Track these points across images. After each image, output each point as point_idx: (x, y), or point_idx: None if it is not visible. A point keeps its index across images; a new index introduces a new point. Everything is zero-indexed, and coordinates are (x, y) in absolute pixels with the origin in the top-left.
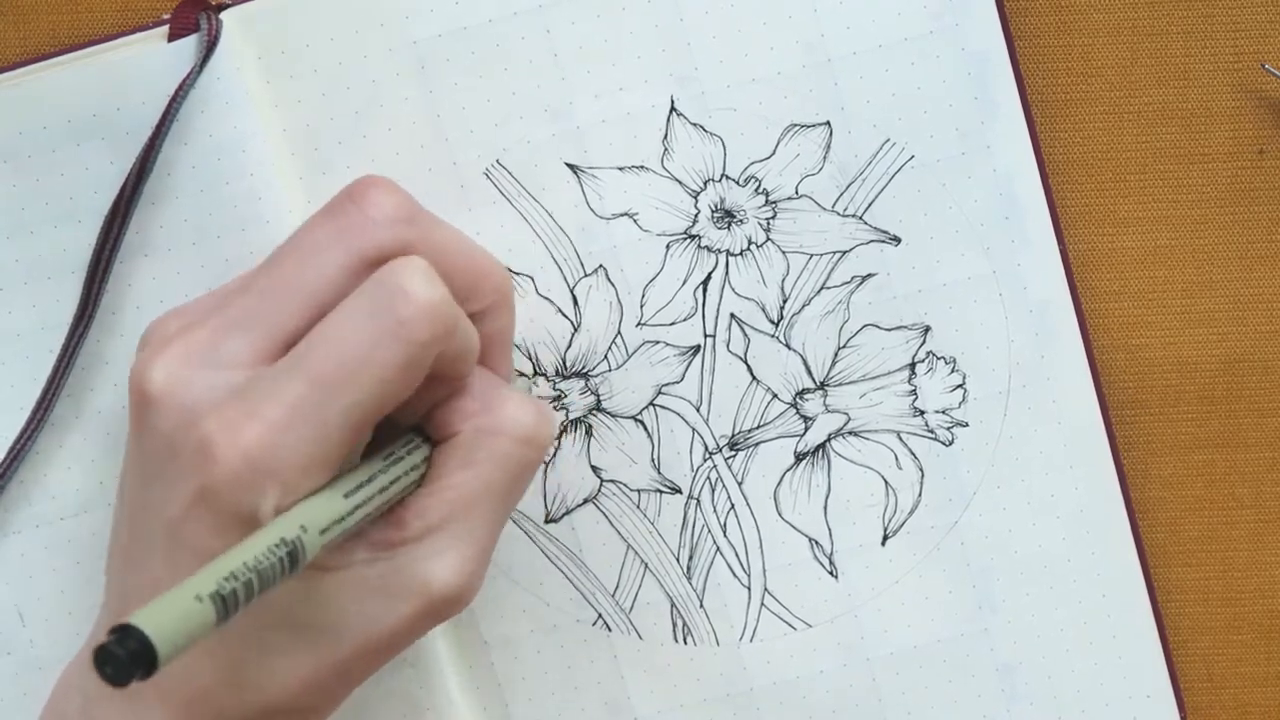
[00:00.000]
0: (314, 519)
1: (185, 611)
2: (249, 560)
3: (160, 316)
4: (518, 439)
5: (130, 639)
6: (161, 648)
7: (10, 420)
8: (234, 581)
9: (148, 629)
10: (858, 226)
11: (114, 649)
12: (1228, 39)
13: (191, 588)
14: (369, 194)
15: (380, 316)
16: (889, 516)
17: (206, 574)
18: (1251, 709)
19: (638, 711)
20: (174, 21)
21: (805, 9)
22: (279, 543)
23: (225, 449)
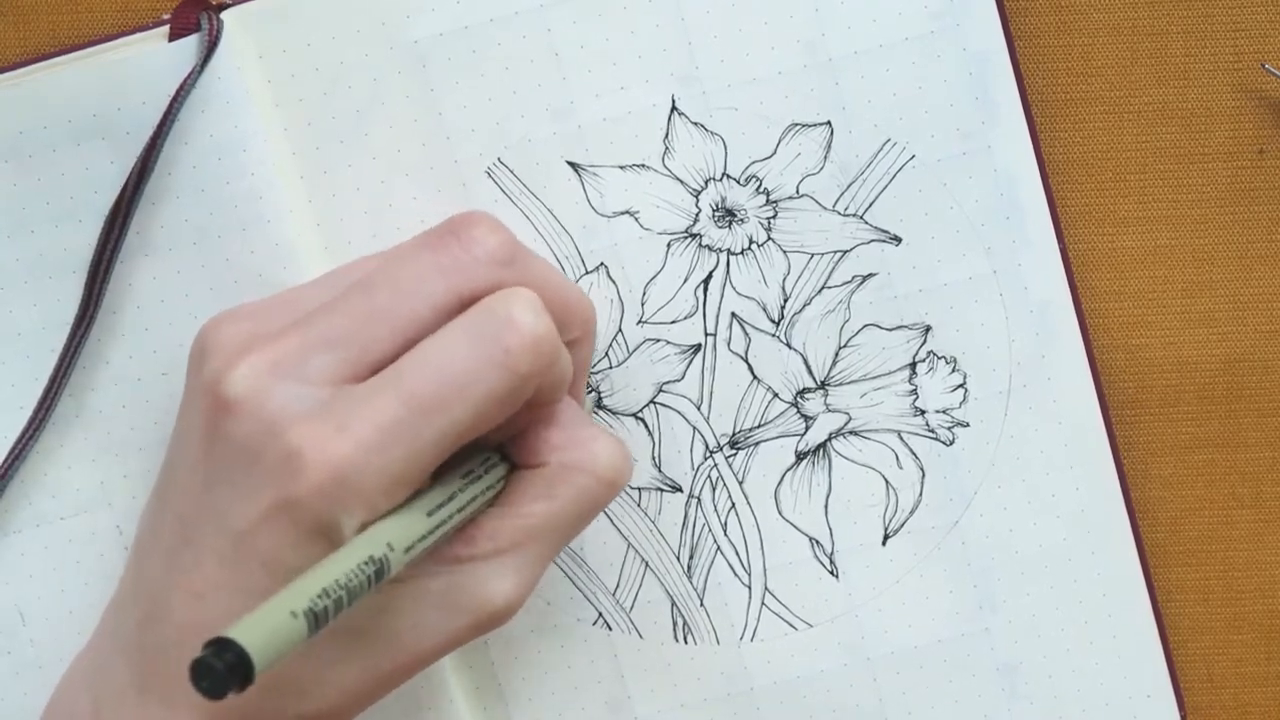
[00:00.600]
0: (399, 537)
1: (280, 626)
2: (340, 578)
3: (219, 320)
4: (601, 479)
5: (228, 652)
6: (259, 661)
7: (11, 419)
8: (326, 599)
9: (245, 643)
10: (859, 226)
11: (212, 662)
12: (1228, 39)
13: (286, 603)
14: (472, 231)
15: (486, 344)
16: (890, 516)
17: (299, 590)
18: (1251, 709)
19: (638, 711)
20: (174, 21)
21: (806, 8)
22: (367, 560)
23: (313, 462)
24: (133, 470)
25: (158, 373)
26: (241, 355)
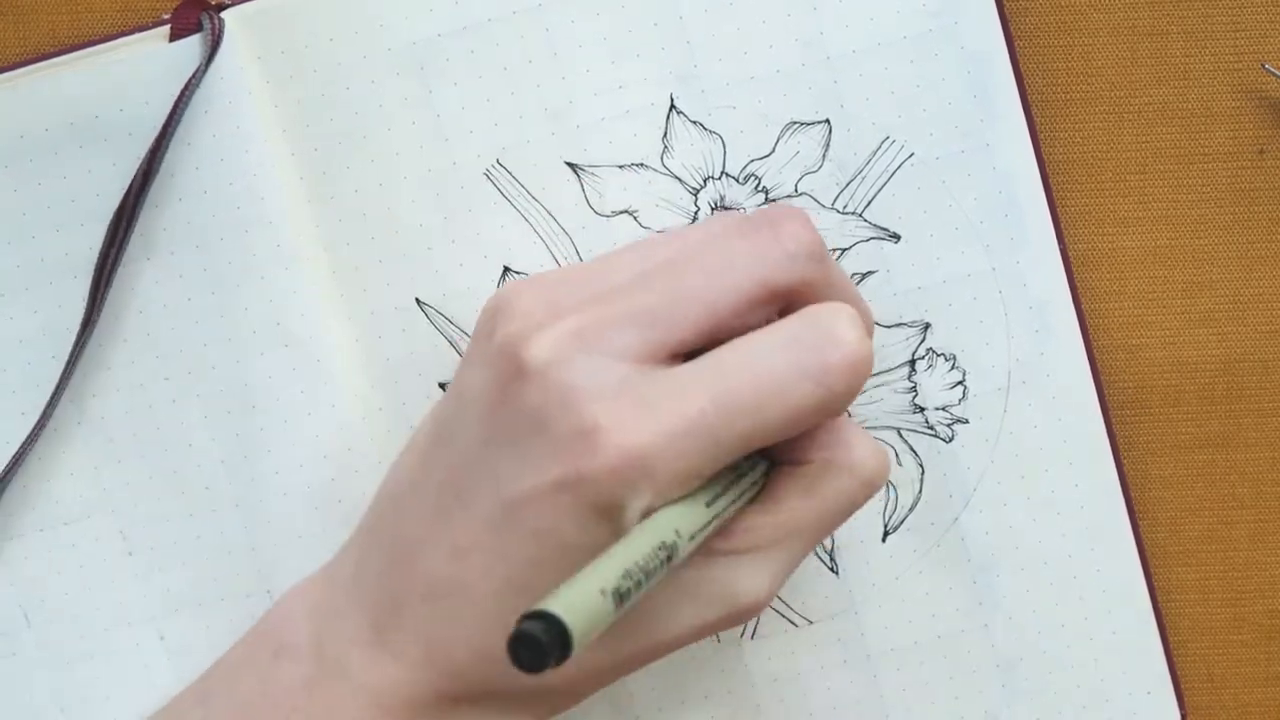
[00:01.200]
0: (685, 526)
1: (593, 604)
2: (640, 560)
3: (520, 284)
4: (862, 480)
5: (552, 626)
6: (578, 636)
7: (12, 425)
8: (629, 580)
9: (566, 618)
10: (857, 224)
11: (536, 634)
12: (1228, 39)
13: (596, 581)
14: (787, 225)
15: (807, 357)
16: (889, 513)
17: (606, 568)
18: (1251, 709)
19: (639, 708)
20: (175, 21)
21: (804, 7)
22: (661, 545)
23: (611, 441)
24: (135, 476)
25: (160, 378)
26: (544, 322)
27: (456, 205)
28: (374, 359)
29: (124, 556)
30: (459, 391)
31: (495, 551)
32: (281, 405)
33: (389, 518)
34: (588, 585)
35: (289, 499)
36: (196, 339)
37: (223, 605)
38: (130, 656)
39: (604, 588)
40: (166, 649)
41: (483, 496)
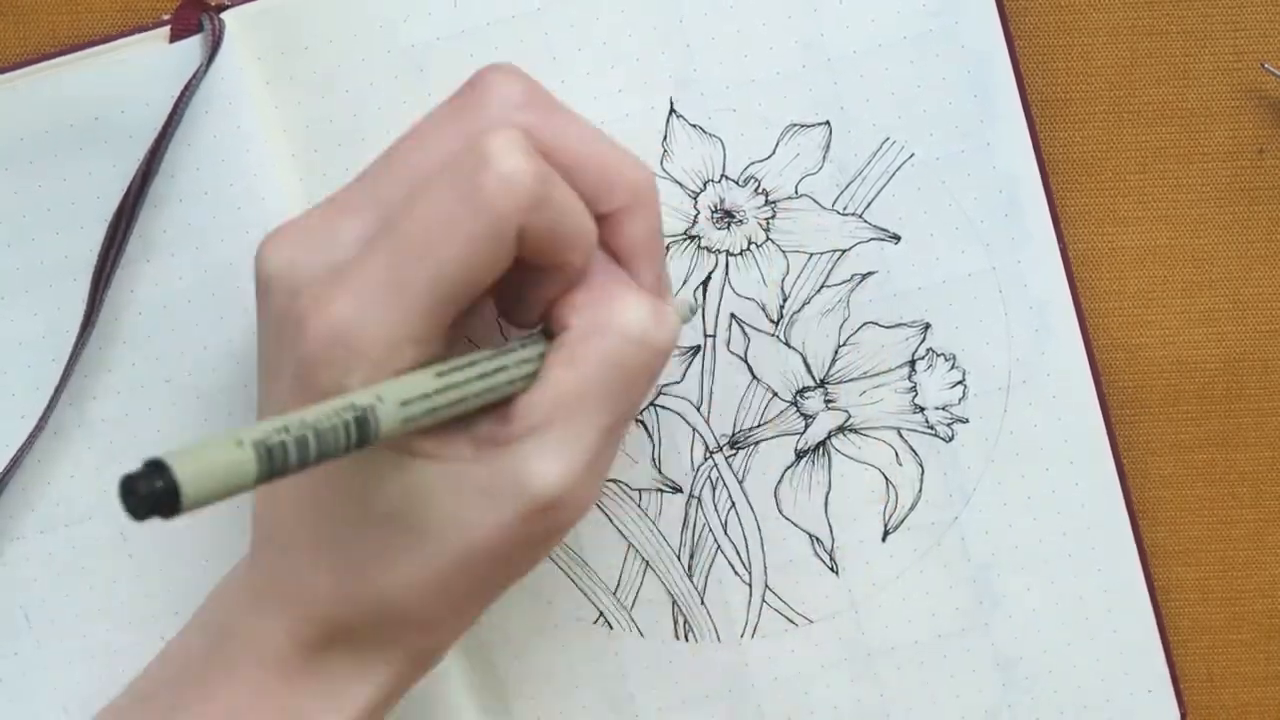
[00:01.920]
0: (394, 392)
1: (224, 457)
2: (308, 417)
3: None
4: (629, 337)
5: (158, 474)
6: (189, 490)
7: (12, 427)
8: (285, 434)
9: (177, 468)
10: (858, 225)
11: (139, 483)
12: (1228, 39)
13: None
14: (489, 78)
15: (461, 183)
16: (889, 513)
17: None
18: (1251, 709)
19: (640, 709)
20: (175, 22)
21: (804, 9)
22: (348, 406)
23: (314, 324)
24: None
25: (160, 379)
26: (277, 234)
27: None
28: None
29: (124, 558)
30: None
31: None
32: None
33: None
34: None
35: None
36: (196, 340)
37: None
38: (131, 657)
39: (243, 439)
40: None
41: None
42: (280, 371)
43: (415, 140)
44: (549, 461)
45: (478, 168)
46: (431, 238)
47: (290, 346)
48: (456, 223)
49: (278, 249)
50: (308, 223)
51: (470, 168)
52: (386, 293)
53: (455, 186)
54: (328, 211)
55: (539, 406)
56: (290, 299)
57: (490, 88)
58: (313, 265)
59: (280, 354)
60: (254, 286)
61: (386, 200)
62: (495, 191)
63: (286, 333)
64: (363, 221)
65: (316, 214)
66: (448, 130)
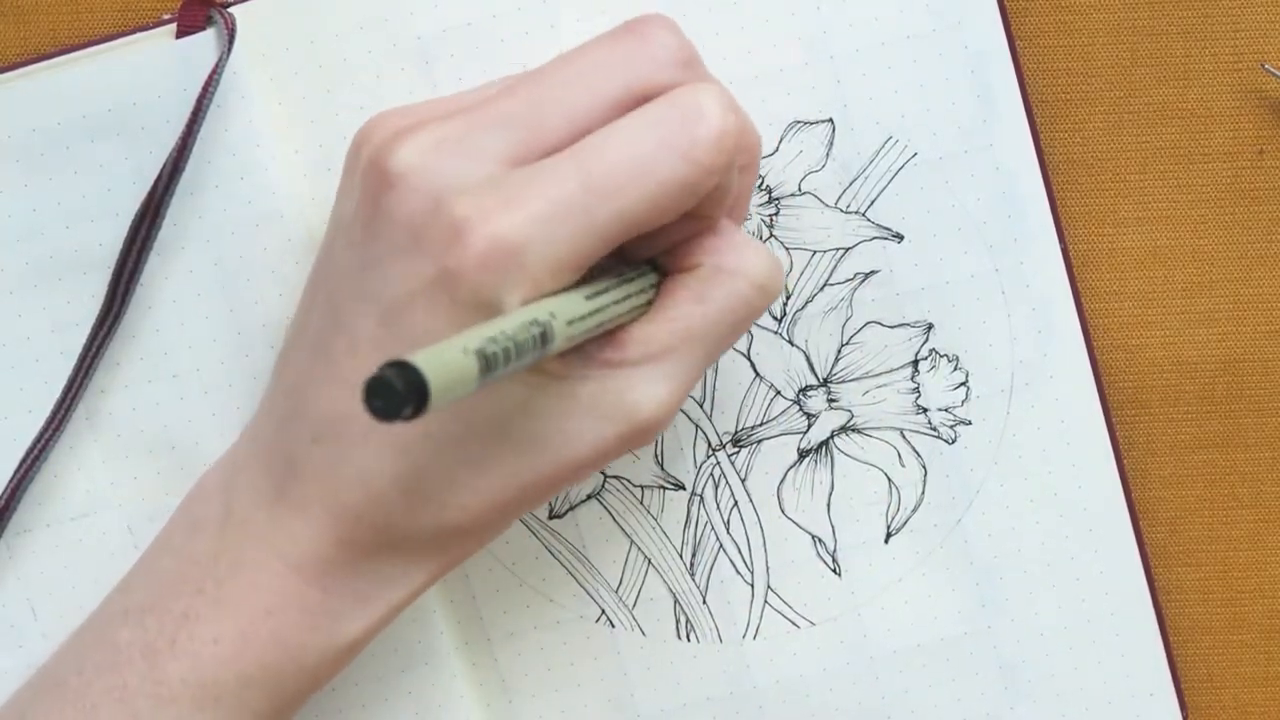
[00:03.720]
0: (561, 310)
1: (455, 361)
2: (508, 329)
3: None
4: (754, 283)
5: (409, 373)
6: (435, 390)
7: (20, 423)
8: (495, 345)
9: (425, 369)
10: (861, 223)
11: (392, 379)
12: (1228, 39)
13: (460, 341)
14: (653, 30)
15: (672, 132)
16: (892, 514)
17: (472, 333)
18: (1251, 709)
19: (641, 708)
20: (180, 19)
21: (808, 6)
22: (534, 321)
23: (479, 233)
24: (142, 472)
25: (169, 375)
26: (407, 132)
27: None
28: None
29: (131, 551)
30: (334, 222)
31: None
32: None
33: (281, 367)
34: (451, 344)
35: None
36: (205, 334)
37: None
38: None
39: (467, 346)
40: None
41: (365, 317)
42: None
43: (571, 73)
44: (659, 387)
45: (692, 119)
46: (628, 176)
47: (436, 250)
48: (659, 169)
49: (410, 148)
50: (444, 127)
51: (683, 117)
52: (566, 219)
53: (663, 133)
54: (463, 120)
55: (658, 337)
56: (436, 203)
57: (654, 36)
58: (458, 173)
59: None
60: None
61: (539, 123)
62: (709, 145)
63: (428, 236)
64: (508, 141)
65: (449, 119)
66: (609, 72)
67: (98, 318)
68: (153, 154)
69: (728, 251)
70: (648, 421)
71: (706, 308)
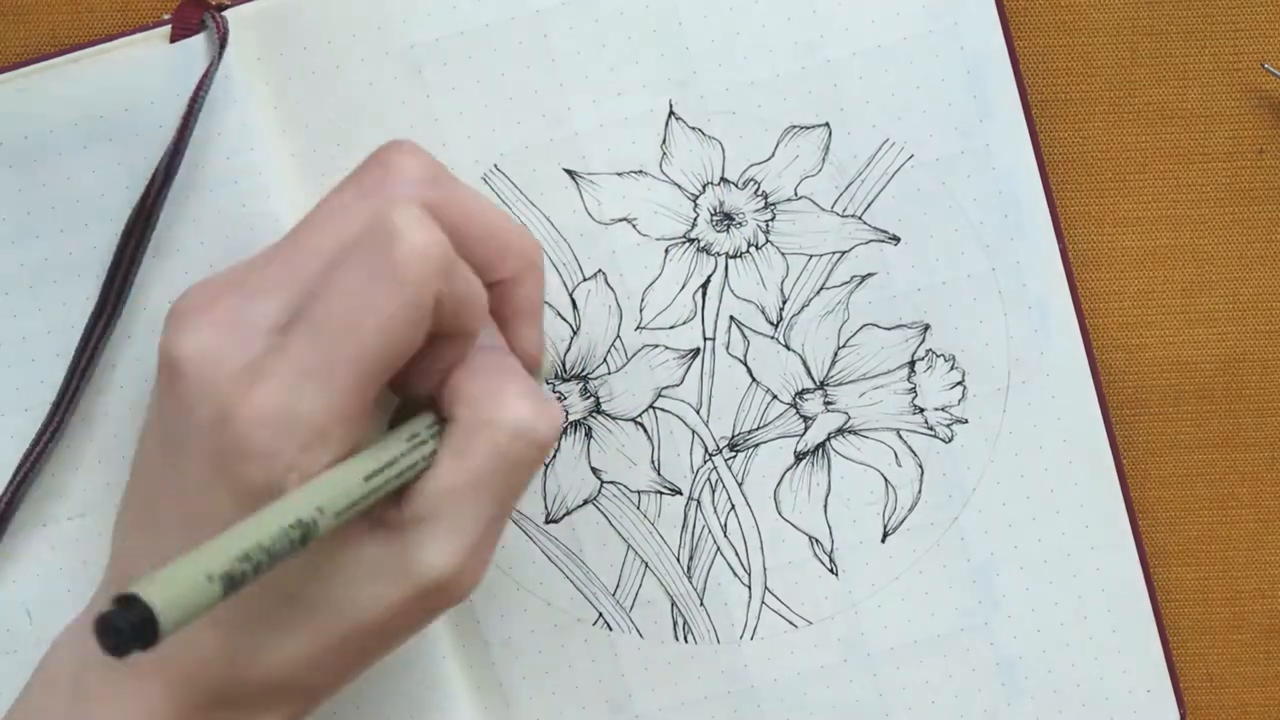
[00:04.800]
0: (331, 500)
1: (192, 586)
2: (264, 540)
3: (187, 290)
4: (513, 433)
5: (134, 609)
6: (165, 621)
7: (16, 422)
8: (246, 563)
9: (152, 600)
10: (857, 226)
11: (117, 619)
12: (1228, 39)
13: (202, 564)
14: (392, 156)
15: (376, 261)
16: (889, 514)
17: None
18: (1251, 709)
19: (639, 710)
20: (175, 21)
21: (804, 11)
22: (295, 523)
23: (241, 414)
24: None
25: None
26: (188, 318)
27: None
28: None
29: None
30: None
31: None
32: None
33: (117, 535)
34: (191, 568)
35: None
36: None
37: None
38: None
39: (211, 572)
40: None
41: (164, 504)
42: (188, 456)
43: (322, 219)
44: (437, 549)
45: (388, 243)
46: (352, 316)
47: (210, 436)
48: (375, 299)
49: (189, 334)
50: (219, 307)
51: (381, 243)
52: (314, 377)
53: (369, 263)
54: (238, 294)
55: (430, 496)
56: (208, 386)
57: (391, 165)
58: (230, 352)
59: (191, 440)
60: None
61: (299, 280)
62: (408, 263)
63: (203, 420)
64: (276, 304)
65: (225, 296)
66: (353, 208)
67: (90, 319)
68: (147, 157)
69: (483, 399)
70: (438, 582)
71: (468, 462)
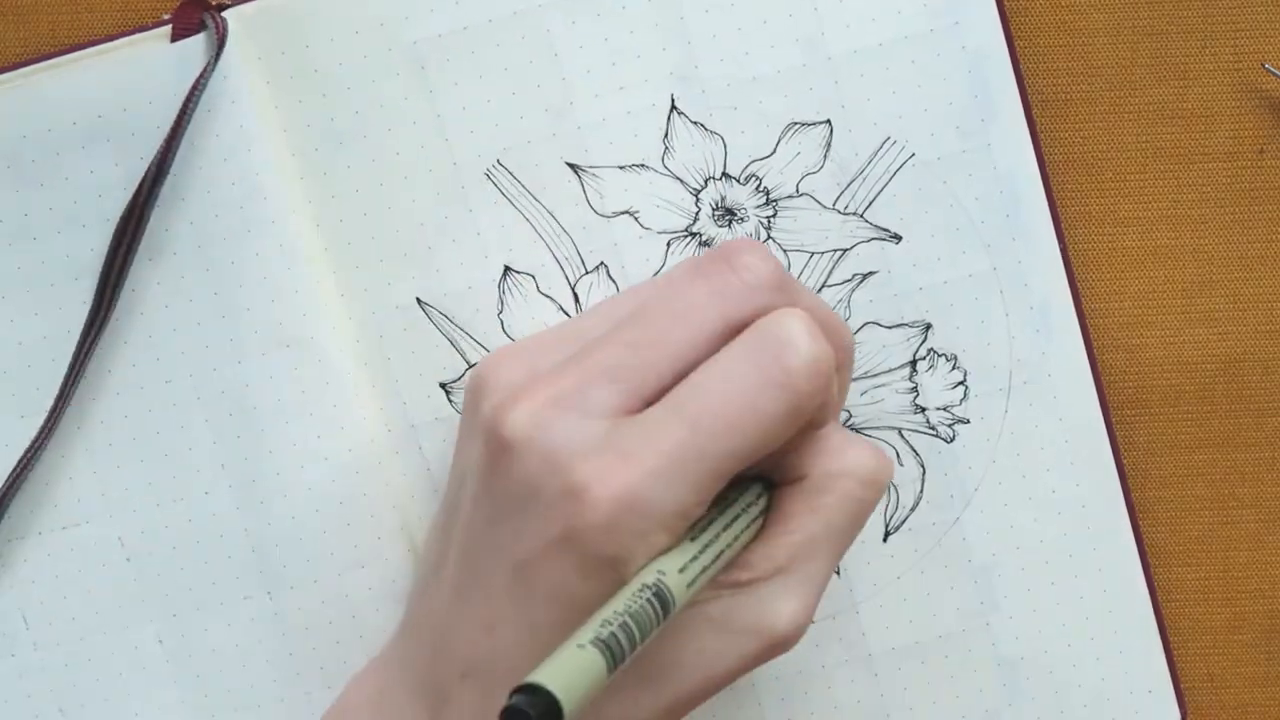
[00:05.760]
0: (668, 564)
1: (579, 663)
2: (620, 606)
3: (497, 356)
4: (862, 481)
5: (539, 697)
6: (567, 704)
7: (10, 427)
8: (609, 627)
9: (552, 686)
10: (859, 224)
11: (524, 709)
12: (1228, 39)
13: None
14: (744, 257)
15: (766, 366)
16: (890, 513)
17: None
18: (1251, 709)
19: None
20: (176, 21)
21: (806, 7)
22: (642, 587)
23: (599, 494)
24: (134, 481)
25: (161, 381)
26: (520, 393)
27: (457, 205)
28: (375, 359)
29: (122, 560)
30: (458, 471)
31: (519, 621)
32: (283, 406)
33: (422, 601)
34: (569, 645)
35: (289, 500)
36: (198, 340)
37: (222, 609)
38: (128, 660)
39: (582, 641)
40: (165, 652)
41: (495, 570)
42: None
43: (670, 313)
44: (791, 600)
45: (783, 350)
46: (731, 417)
47: (558, 511)
48: (760, 402)
49: (523, 411)
50: (554, 386)
51: (773, 350)
52: (679, 468)
53: (759, 368)
54: (573, 377)
55: (781, 551)
56: (553, 465)
57: (741, 266)
58: (571, 433)
59: (529, 513)
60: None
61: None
62: (802, 375)
63: (548, 497)
64: (618, 393)
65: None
66: (707, 308)
67: (85, 323)
68: (143, 159)
69: (831, 455)
70: (785, 635)
71: (823, 515)
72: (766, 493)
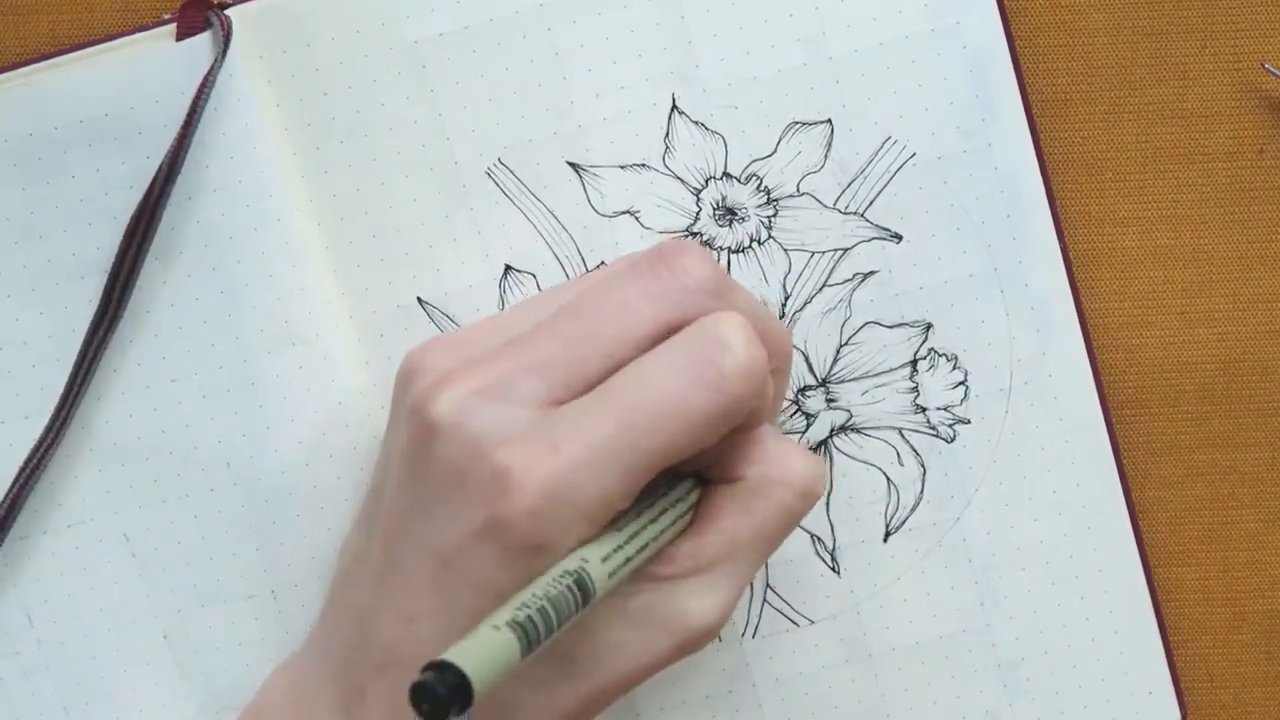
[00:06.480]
0: (593, 552)
1: (492, 644)
2: (538, 590)
3: (427, 345)
4: (798, 491)
5: (449, 676)
6: (478, 683)
7: (16, 426)
8: (528, 609)
9: (464, 665)
10: (859, 224)
11: (434, 685)
12: (1228, 39)
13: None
14: (682, 259)
15: (700, 366)
16: (891, 513)
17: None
18: (1251, 709)
19: (640, 707)
20: (180, 20)
21: (806, 7)
22: (564, 573)
23: (523, 481)
24: (138, 478)
25: (166, 379)
26: (448, 379)
27: (458, 204)
28: (376, 357)
29: (127, 558)
30: (384, 457)
31: (439, 611)
32: (287, 403)
33: (343, 590)
34: (484, 626)
35: (294, 497)
36: (203, 338)
37: (226, 606)
38: (133, 656)
39: (496, 622)
40: (170, 649)
41: (418, 558)
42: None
43: (603, 309)
44: (710, 597)
45: (718, 353)
46: (661, 414)
47: (481, 498)
48: (693, 400)
49: (450, 396)
50: (483, 375)
51: (708, 350)
52: (606, 460)
53: (693, 367)
54: (502, 365)
55: (707, 550)
56: (479, 451)
57: (679, 268)
58: (499, 419)
59: (453, 500)
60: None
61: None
62: (735, 377)
63: (474, 483)
64: (546, 384)
65: (488, 363)
66: (641, 307)
67: (93, 322)
68: (150, 157)
69: (770, 462)
70: (701, 630)
71: (754, 519)
72: (697, 489)
